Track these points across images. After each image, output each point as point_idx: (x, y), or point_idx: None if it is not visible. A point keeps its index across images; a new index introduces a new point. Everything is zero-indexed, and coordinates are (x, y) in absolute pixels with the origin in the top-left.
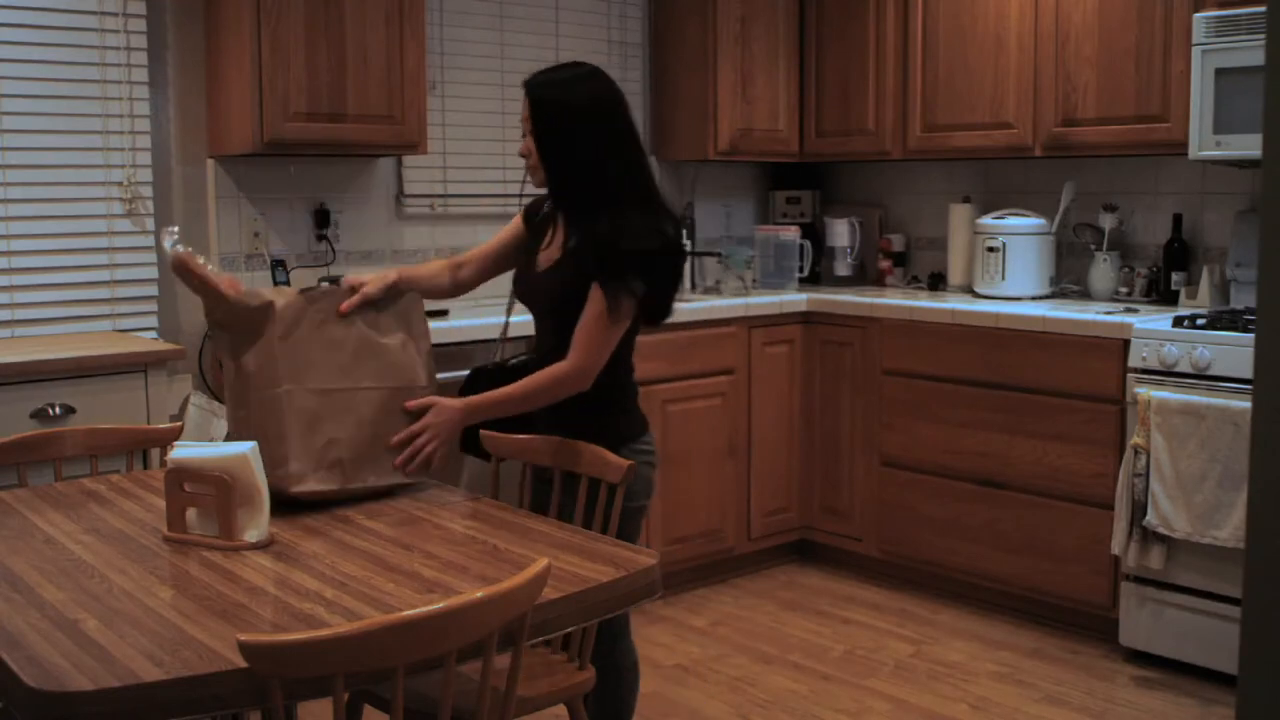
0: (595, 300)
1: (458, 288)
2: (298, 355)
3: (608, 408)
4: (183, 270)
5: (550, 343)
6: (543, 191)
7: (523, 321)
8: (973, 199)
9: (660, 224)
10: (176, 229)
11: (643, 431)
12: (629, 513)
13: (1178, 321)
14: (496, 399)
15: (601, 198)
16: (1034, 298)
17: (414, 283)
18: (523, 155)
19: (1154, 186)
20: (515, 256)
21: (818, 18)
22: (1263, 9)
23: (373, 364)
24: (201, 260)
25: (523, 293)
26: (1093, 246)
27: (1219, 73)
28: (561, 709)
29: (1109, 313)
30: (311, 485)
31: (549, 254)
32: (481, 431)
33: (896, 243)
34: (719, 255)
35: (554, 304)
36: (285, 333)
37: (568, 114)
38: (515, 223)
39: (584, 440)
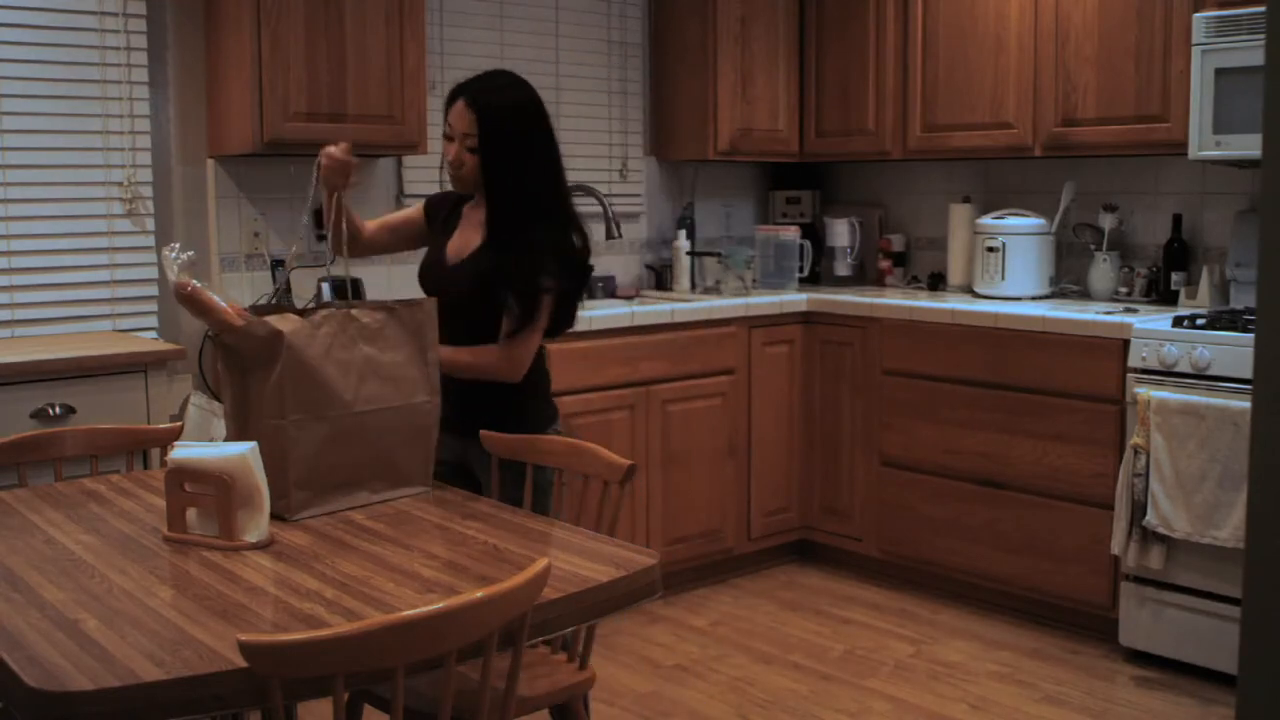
0: (517, 306)
1: (361, 246)
2: (304, 385)
3: (532, 395)
4: (188, 301)
5: (453, 333)
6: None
7: None
8: (973, 199)
9: (575, 236)
10: (177, 246)
11: (555, 417)
12: (548, 488)
13: (1177, 321)
14: (445, 358)
15: (530, 205)
16: (1034, 298)
17: (349, 218)
18: (455, 164)
19: (1154, 186)
20: (408, 241)
21: (818, 18)
22: (1263, 9)
23: (376, 384)
24: (203, 285)
25: (432, 285)
26: (1093, 246)
27: (1219, 73)
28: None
29: (1109, 313)
30: (313, 511)
31: (458, 248)
32: (482, 432)
33: (896, 243)
34: (719, 255)
35: (464, 298)
36: (293, 363)
37: (513, 122)
38: (417, 210)
39: (506, 424)
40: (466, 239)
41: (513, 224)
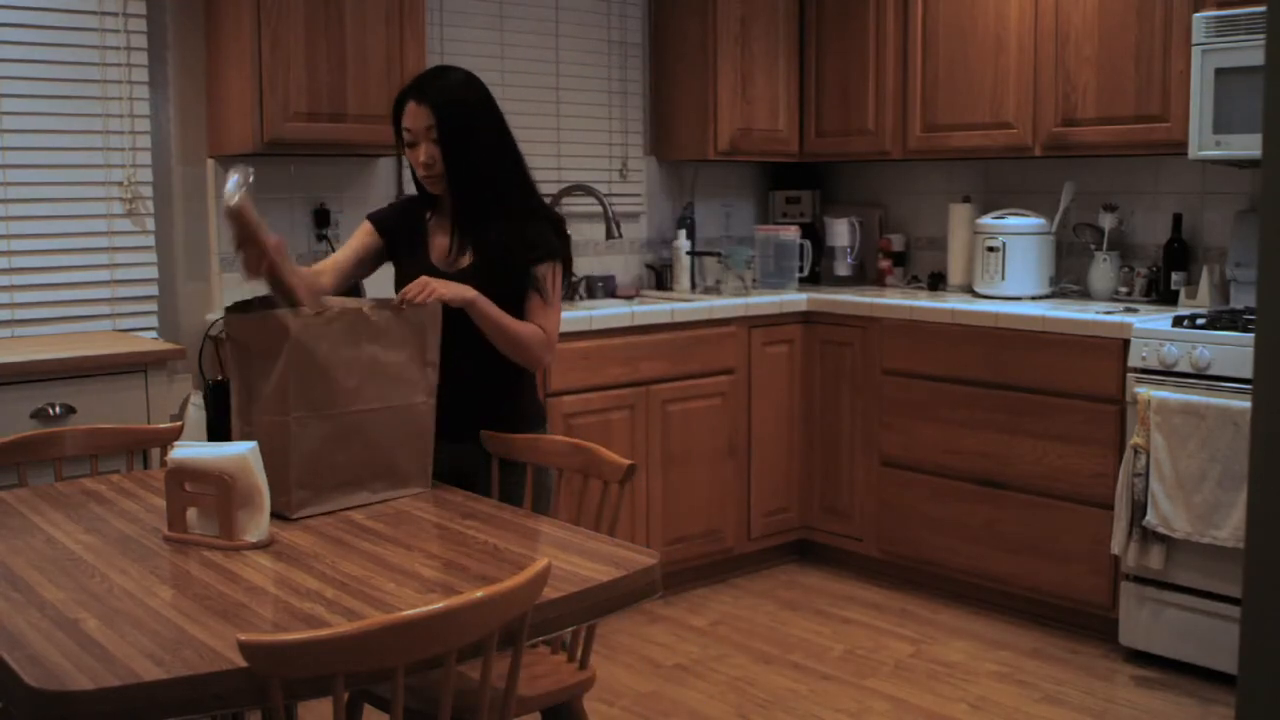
0: (545, 285)
1: (317, 294)
2: (309, 382)
3: (531, 393)
4: (238, 219)
5: (466, 338)
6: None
7: None
8: (973, 199)
9: (555, 214)
10: (251, 170)
11: (545, 417)
12: (548, 491)
13: (1177, 321)
14: (497, 312)
15: (503, 195)
16: (1034, 298)
17: (294, 280)
18: (428, 163)
19: (1154, 186)
20: (370, 266)
21: (818, 18)
22: (1263, 9)
23: (379, 384)
24: (258, 216)
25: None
26: (1093, 246)
27: (1219, 73)
28: None
29: (1109, 312)
30: (313, 509)
31: (445, 254)
32: (482, 432)
33: (896, 243)
34: (719, 255)
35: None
36: (299, 359)
37: (467, 106)
38: (366, 231)
39: (507, 421)
40: (455, 244)
41: (487, 211)
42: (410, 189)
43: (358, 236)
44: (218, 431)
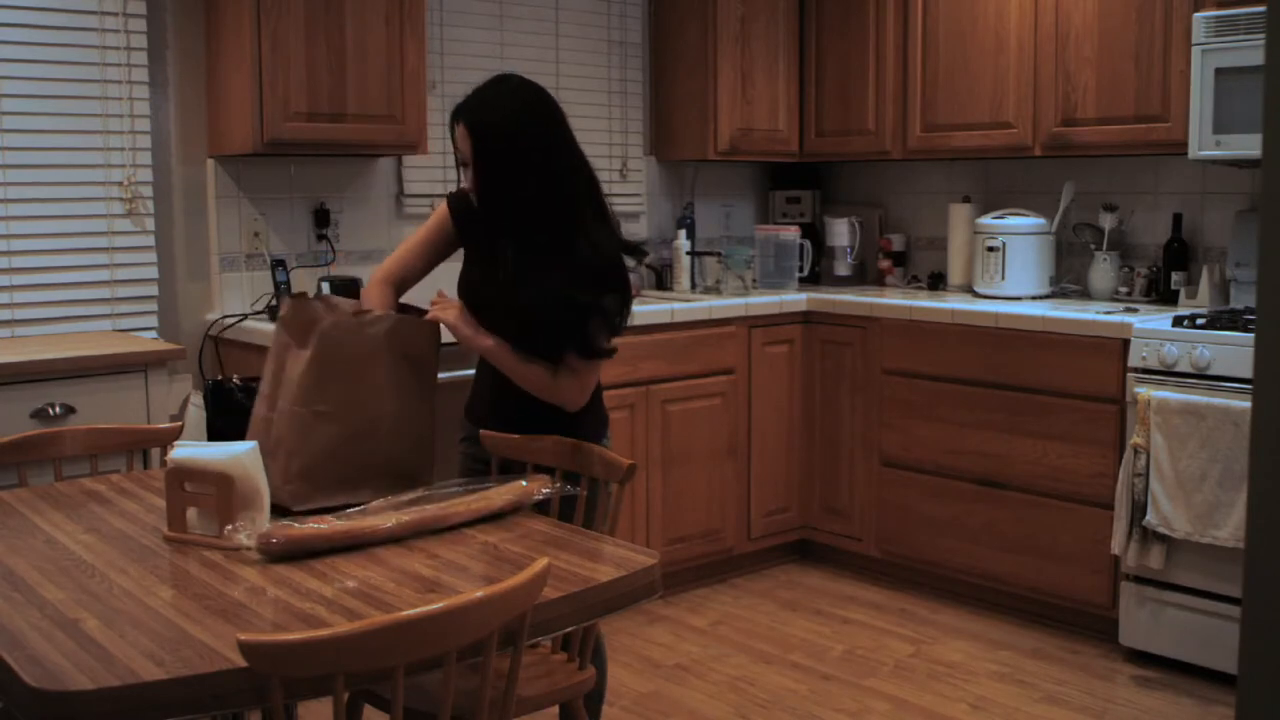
0: (585, 342)
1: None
2: (334, 378)
3: (582, 410)
4: None
5: (521, 342)
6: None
7: None
8: (973, 199)
9: (620, 242)
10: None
11: (605, 428)
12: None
13: (1178, 321)
14: (503, 349)
15: (548, 231)
16: (1034, 297)
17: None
18: (471, 189)
19: (1154, 186)
20: (443, 252)
21: (818, 17)
22: (1263, 9)
23: (396, 389)
24: None
25: (478, 305)
26: (1093, 246)
27: (1219, 72)
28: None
29: (1109, 312)
30: (315, 504)
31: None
32: (481, 432)
33: (896, 243)
34: (719, 255)
35: (523, 322)
36: (327, 355)
37: (511, 140)
38: (441, 215)
39: (554, 425)
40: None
41: (533, 251)
42: (407, 186)
43: (432, 221)
44: (218, 431)
